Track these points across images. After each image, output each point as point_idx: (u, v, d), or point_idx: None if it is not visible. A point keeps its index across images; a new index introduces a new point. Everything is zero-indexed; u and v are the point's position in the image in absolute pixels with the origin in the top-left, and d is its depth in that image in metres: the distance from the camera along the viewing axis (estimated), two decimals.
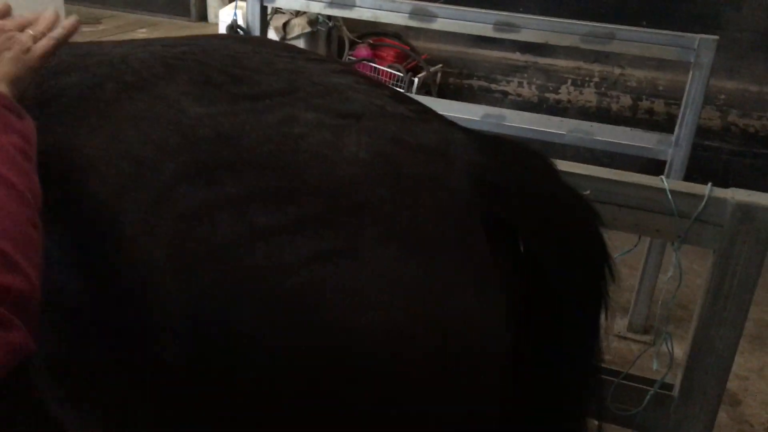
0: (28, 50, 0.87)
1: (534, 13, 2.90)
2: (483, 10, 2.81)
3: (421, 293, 0.85)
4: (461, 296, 0.89)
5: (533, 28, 2.73)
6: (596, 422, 1.20)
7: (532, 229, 0.97)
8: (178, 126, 0.84)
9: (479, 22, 2.78)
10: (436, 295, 0.87)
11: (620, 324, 2.98)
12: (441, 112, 2.90)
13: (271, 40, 1.03)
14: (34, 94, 0.89)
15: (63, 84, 0.90)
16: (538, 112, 3.38)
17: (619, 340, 2.91)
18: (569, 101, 4.25)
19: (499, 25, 2.75)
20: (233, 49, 0.96)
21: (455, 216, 0.89)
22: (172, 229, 0.79)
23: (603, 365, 1.37)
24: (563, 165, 1.23)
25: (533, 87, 4.31)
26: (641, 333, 2.91)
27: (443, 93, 4.38)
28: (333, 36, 4.55)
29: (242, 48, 0.97)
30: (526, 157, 1.00)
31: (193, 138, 0.83)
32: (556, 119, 2.83)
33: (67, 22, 0.93)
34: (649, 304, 2.86)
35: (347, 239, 0.82)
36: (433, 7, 2.85)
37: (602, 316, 1.11)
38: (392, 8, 2.84)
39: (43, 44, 0.90)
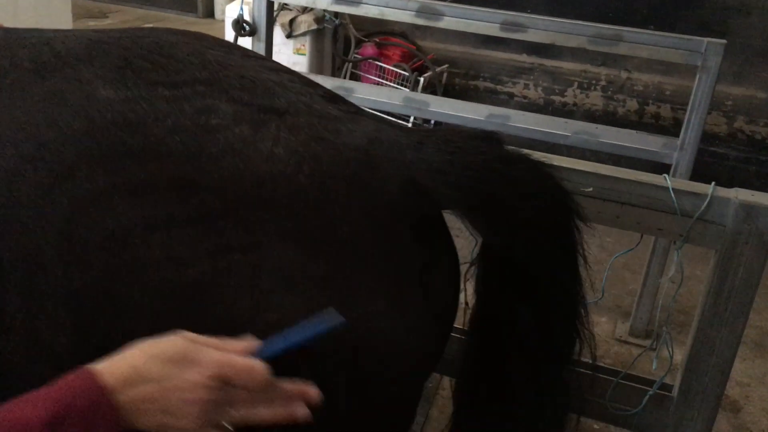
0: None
1: (541, 14, 2.89)
2: (490, 10, 2.80)
3: (326, 293, 0.83)
4: (370, 298, 0.87)
5: (540, 28, 2.72)
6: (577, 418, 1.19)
7: (475, 219, 0.96)
8: (85, 109, 0.82)
9: (486, 22, 2.77)
10: (342, 295, 0.84)
11: (621, 328, 2.96)
12: (446, 111, 2.89)
13: (213, 37, 1.01)
14: None
15: None
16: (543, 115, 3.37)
17: (620, 344, 2.89)
18: (575, 104, 4.24)
19: (506, 25, 2.74)
20: (165, 39, 0.94)
21: (373, 216, 0.87)
22: (65, 214, 0.78)
23: (602, 365, 1.36)
24: (566, 162, 1.22)
25: (539, 89, 4.30)
26: (643, 337, 2.90)
27: (449, 93, 4.37)
28: (339, 34, 4.55)
29: (175, 39, 0.95)
30: (455, 143, 0.94)
31: (100, 122, 0.81)
32: (561, 120, 2.82)
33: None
34: (651, 309, 2.85)
35: (249, 234, 0.80)
36: (440, 5, 2.84)
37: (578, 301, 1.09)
38: (399, 6, 2.83)
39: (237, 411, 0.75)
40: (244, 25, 3.04)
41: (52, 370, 0.73)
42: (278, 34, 4.14)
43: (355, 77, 4.49)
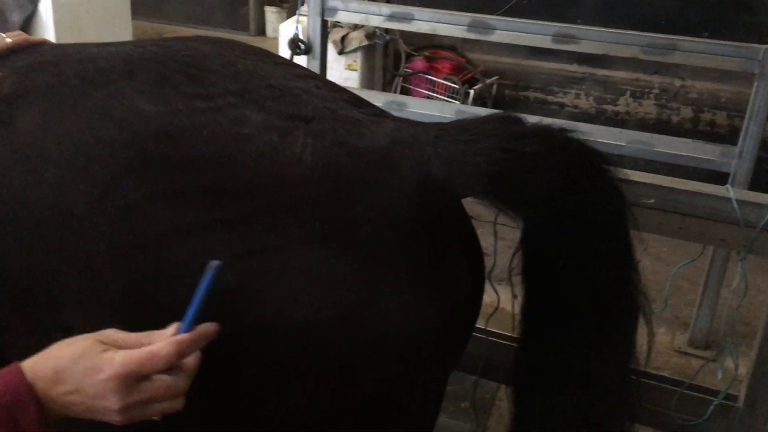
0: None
1: (593, 24, 2.90)
2: (541, 22, 2.82)
3: (352, 292, 0.87)
4: (395, 293, 0.90)
5: (593, 39, 2.73)
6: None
7: (507, 207, 0.94)
8: (129, 123, 0.88)
9: (538, 34, 2.78)
10: (366, 294, 0.88)
11: (681, 339, 2.93)
12: None
13: (244, 45, 1.05)
14: (9, 88, 0.93)
15: (34, 80, 0.94)
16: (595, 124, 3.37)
17: (679, 355, 2.86)
18: (628, 113, 4.21)
19: (558, 37, 2.75)
20: (199, 50, 0.99)
21: (394, 214, 0.91)
22: (113, 220, 0.83)
23: (666, 376, 1.37)
24: (626, 174, 1.24)
25: (590, 99, 4.28)
26: (702, 348, 2.86)
27: (499, 105, 4.39)
28: (390, 49, 4.61)
29: (208, 50, 1.00)
30: (476, 134, 0.94)
31: (142, 135, 0.87)
32: (615, 130, 2.81)
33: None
34: (711, 319, 2.81)
35: (279, 237, 0.85)
36: (492, 19, 2.87)
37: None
38: (450, 21, 2.87)
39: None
40: (300, 44, 3.12)
41: None
42: (330, 50, 4.22)
43: (405, 91, 4.54)
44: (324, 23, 3.05)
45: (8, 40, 1.07)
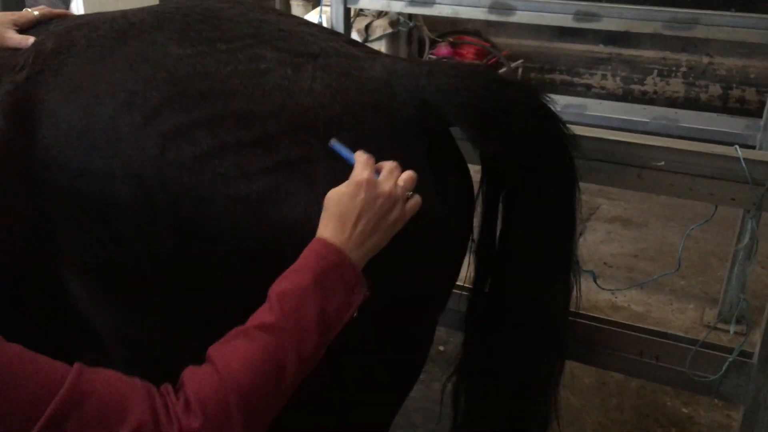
0: (397, 221, 0.97)
1: (616, 2, 2.89)
2: (562, 1, 2.83)
3: None
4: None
5: (614, 16, 2.73)
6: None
7: (477, 133, 1.12)
8: (163, 64, 1.03)
9: (559, 13, 2.79)
10: None
11: (710, 314, 2.92)
12: None
13: (251, 2, 1.23)
14: (53, 45, 1.09)
15: (74, 36, 1.10)
16: None
17: (708, 330, 2.85)
18: (655, 92, 4.18)
19: (580, 15, 2.76)
20: (214, 6, 1.15)
21: (395, 133, 1.07)
22: (157, 143, 0.98)
23: (681, 335, 1.39)
24: (638, 138, 1.27)
25: (617, 79, 4.27)
26: (733, 324, 2.84)
27: None
28: (414, 36, 4.64)
29: (221, 5, 1.16)
30: (459, 70, 1.13)
31: (175, 73, 1.02)
32: (639, 107, 2.82)
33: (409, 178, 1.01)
34: (740, 295, 2.80)
35: (301, 151, 1.00)
36: (512, 0, 2.89)
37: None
38: (471, 3, 2.89)
39: (411, 210, 0.99)
40: None
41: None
42: (354, 38, 4.27)
43: None
44: (347, 11, 3.10)
45: (36, 12, 1.22)
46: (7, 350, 0.72)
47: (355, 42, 1.20)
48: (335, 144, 1.00)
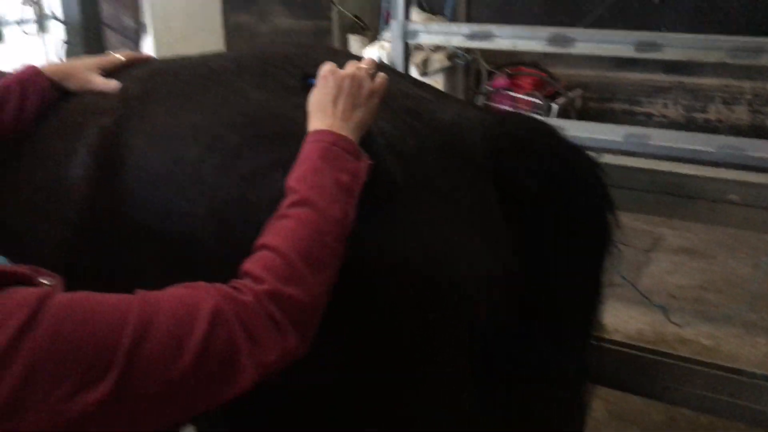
0: (371, 93, 1.05)
1: (677, 31, 2.86)
2: (623, 32, 2.81)
3: (432, 230, 1.05)
4: (467, 236, 1.07)
5: (677, 46, 2.69)
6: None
7: (537, 184, 1.13)
8: (243, 108, 1.08)
9: (619, 44, 2.77)
10: (444, 232, 1.05)
11: None
12: (581, 134, 2.91)
13: (321, 46, 1.28)
14: (138, 90, 1.14)
15: (158, 82, 1.16)
16: None
17: None
18: (719, 120, 4.10)
19: (641, 45, 2.73)
20: (292, 52, 1.21)
21: (463, 174, 1.09)
22: (238, 184, 1.03)
23: (757, 372, 1.35)
24: (706, 171, 1.26)
25: (679, 107, 4.20)
26: None
27: (584, 118, 4.36)
28: (471, 68, 4.67)
29: (296, 51, 1.22)
30: (530, 125, 1.17)
31: (254, 116, 1.07)
32: (703, 136, 2.74)
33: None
34: None
35: (378, 192, 1.02)
36: (572, 32, 2.89)
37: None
38: (530, 36, 2.90)
39: (380, 83, 1.07)
40: None
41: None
42: (413, 73, 4.32)
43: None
44: (406, 46, 3.14)
45: (119, 57, 1.30)
46: (75, 294, 0.77)
47: (421, 84, 1.24)
48: (312, 80, 1.07)
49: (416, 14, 4.46)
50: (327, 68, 1.07)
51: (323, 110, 1.03)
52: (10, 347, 0.69)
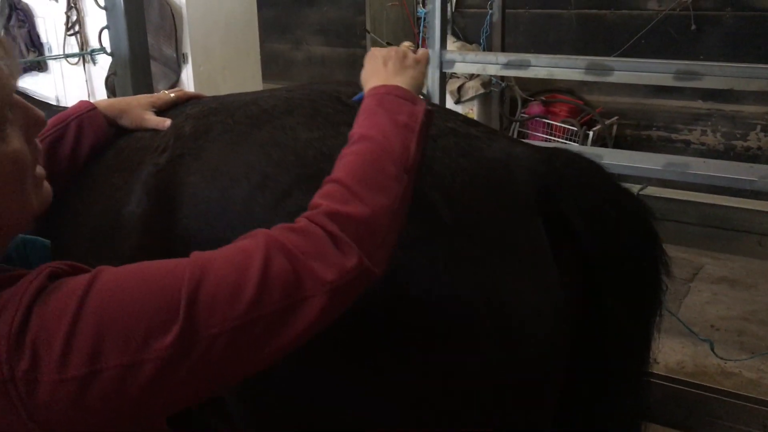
0: (416, 60, 1.12)
1: (715, 59, 2.85)
2: (661, 61, 2.80)
3: (481, 272, 1.05)
4: (517, 277, 1.07)
5: (717, 74, 2.67)
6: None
7: (586, 225, 1.13)
8: (293, 148, 1.10)
9: (658, 72, 2.76)
10: (493, 274, 1.06)
11: None
12: (620, 163, 2.88)
13: None
14: (192, 129, 1.17)
15: (211, 122, 1.19)
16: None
17: None
18: (759, 148, 4.04)
19: (680, 74, 2.72)
20: (341, 90, 1.23)
21: (513, 213, 1.09)
22: (286, 222, 1.01)
23: None
24: (753, 204, 1.25)
25: (718, 135, 4.15)
26: None
27: (620, 146, 4.33)
28: (506, 96, 4.68)
29: (346, 89, 1.23)
30: (579, 163, 1.18)
31: (304, 156, 1.08)
32: (745, 165, 2.72)
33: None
34: None
35: (421, 231, 1.02)
36: (609, 60, 2.88)
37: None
38: (568, 65, 2.90)
39: (423, 53, 1.15)
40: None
41: None
42: (447, 100, 4.35)
43: (522, 136, 4.57)
44: (443, 75, 3.17)
45: (172, 95, 1.32)
46: (128, 266, 0.78)
47: (471, 121, 1.25)
48: (357, 97, 1.10)
49: (450, 43, 4.50)
50: (371, 50, 1.15)
51: (375, 73, 1.08)
52: (76, 314, 0.72)
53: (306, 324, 0.80)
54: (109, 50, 2.41)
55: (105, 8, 2.36)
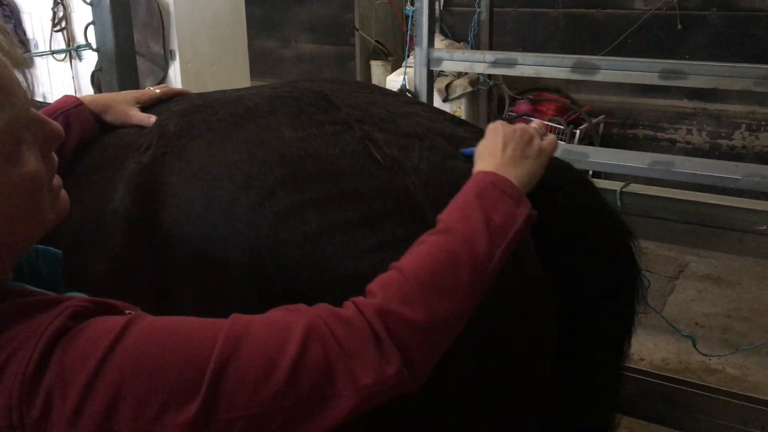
0: (540, 150, 1.05)
1: (701, 59, 2.87)
2: (647, 60, 2.81)
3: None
4: (504, 277, 1.03)
5: (702, 73, 2.69)
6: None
7: (565, 236, 1.14)
8: (276, 147, 1.08)
9: (644, 71, 2.78)
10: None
11: None
12: (606, 161, 2.90)
13: (357, 82, 1.29)
14: (175, 127, 1.16)
15: (194, 119, 1.17)
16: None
17: None
18: (744, 147, 4.08)
19: (665, 73, 2.73)
20: (326, 88, 1.20)
21: None
22: (271, 223, 1.02)
23: None
24: (735, 201, 1.26)
25: (703, 134, 4.18)
26: None
27: (607, 144, 4.36)
28: (493, 94, 4.70)
29: (330, 87, 1.21)
30: (563, 171, 1.18)
31: (288, 156, 1.07)
32: (730, 164, 2.73)
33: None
34: None
35: (406, 230, 1.00)
36: (596, 59, 2.90)
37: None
38: (554, 63, 2.91)
39: (551, 142, 1.08)
40: (408, 94, 3.27)
41: None
42: (435, 98, 4.36)
43: None
44: (430, 73, 3.17)
45: (157, 91, 1.32)
46: (163, 317, 0.75)
47: (459, 121, 1.24)
48: (464, 150, 1.09)
49: (438, 41, 4.51)
50: (495, 124, 1.07)
51: (491, 154, 1.01)
52: (97, 369, 0.68)
53: (331, 421, 0.75)
54: (94, 46, 2.40)
55: (91, 4, 2.35)
